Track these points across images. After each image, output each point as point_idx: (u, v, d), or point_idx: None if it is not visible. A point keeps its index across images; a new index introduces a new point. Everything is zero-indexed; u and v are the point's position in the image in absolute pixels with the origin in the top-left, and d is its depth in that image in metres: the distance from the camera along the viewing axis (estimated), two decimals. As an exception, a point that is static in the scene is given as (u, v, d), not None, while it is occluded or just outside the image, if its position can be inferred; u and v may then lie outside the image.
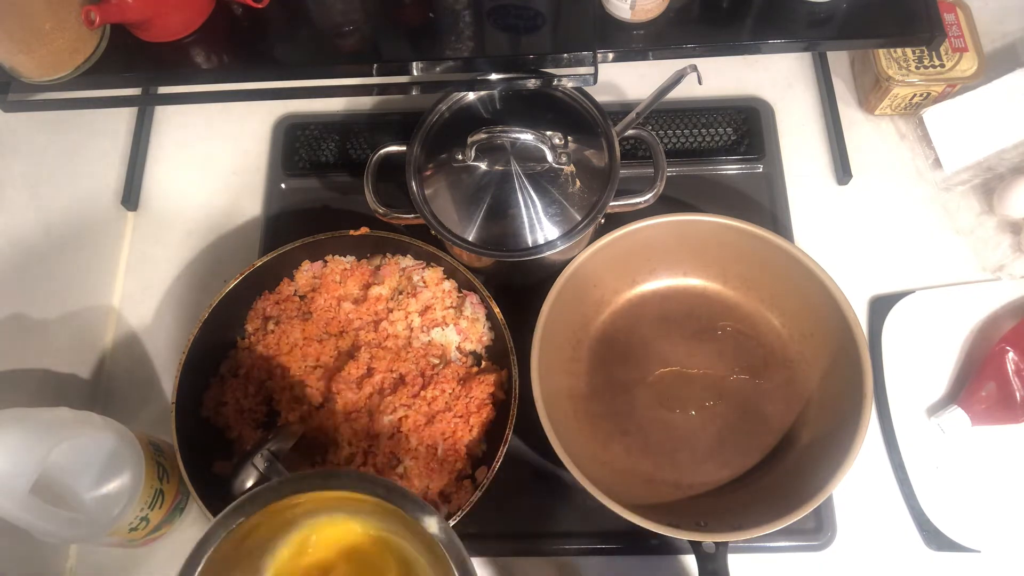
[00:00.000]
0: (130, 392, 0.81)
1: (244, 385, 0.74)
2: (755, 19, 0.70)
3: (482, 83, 0.69)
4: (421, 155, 0.72)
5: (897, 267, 0.81)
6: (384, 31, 0.71)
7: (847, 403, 0.67)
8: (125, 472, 0.62)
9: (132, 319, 0.83)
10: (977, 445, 0.72)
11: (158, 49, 0.68)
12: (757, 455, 0.72)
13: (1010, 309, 0.77)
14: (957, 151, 0.80)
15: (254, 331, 0.76)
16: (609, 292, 0.78)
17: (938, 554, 0.71)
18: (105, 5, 0.61)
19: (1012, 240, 0.79)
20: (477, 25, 0.69)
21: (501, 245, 0.70)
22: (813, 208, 0.84)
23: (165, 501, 0.67)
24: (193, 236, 0.87)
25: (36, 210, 0.75)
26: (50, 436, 0.57)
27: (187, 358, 0.70)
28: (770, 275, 0.74)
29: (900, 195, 0.84)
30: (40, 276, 0.75)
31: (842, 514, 0.72)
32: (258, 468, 0.65)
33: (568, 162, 0.70)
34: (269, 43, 0.70)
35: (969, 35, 0.81)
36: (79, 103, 0.71)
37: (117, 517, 0.61)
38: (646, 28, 0.70)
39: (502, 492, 0.68)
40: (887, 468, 0.74)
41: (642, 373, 0.76)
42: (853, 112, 0.88)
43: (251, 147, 0.90)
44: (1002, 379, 0.71)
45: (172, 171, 0.90)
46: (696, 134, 0.86)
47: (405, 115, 0.88)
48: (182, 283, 0.85)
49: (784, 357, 0.75)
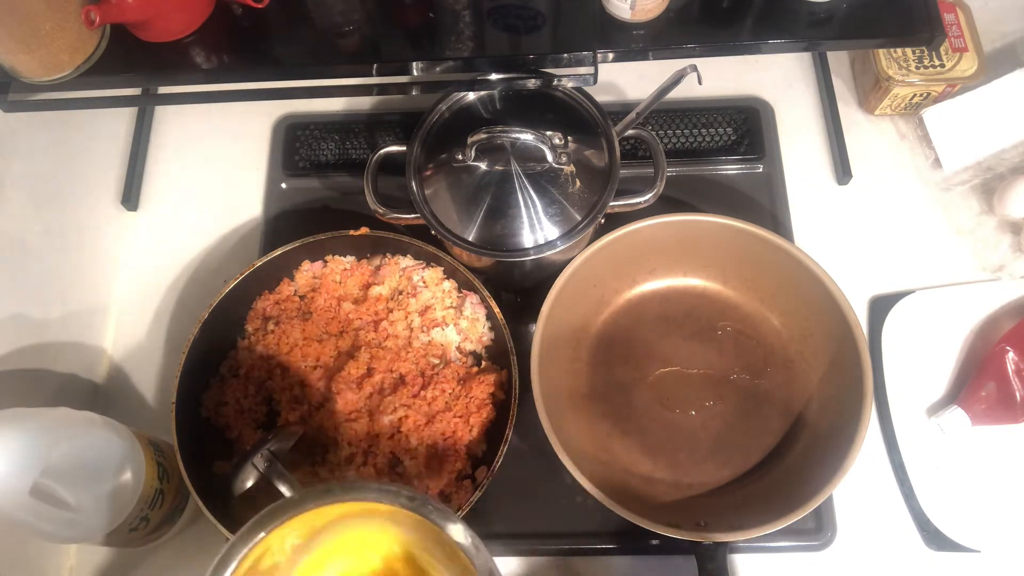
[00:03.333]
0: (130, 392, 0.81)
1: (244, 385, 0.74)
2: (755, 19, 0.70)
3: (482, 83, 0.69)
4: (421, 155, 0.72)
5: (897, 267, 0.81)
6: (384, 31, 0.71)
7: (847, 403, 0.67)
8: (125, 472, 0.62)
9: (132, 319, 0.83)
10: (977, 445, 0.72)
11: (158, 49, 0.68)
12: (757, 455, 0.72)
13: (1010, 309, 0.77)
14: (957, 151, 0.80)
15: (254, 331, 0.76)
16: (609, 292, 0.78)
17: (938, 554, 0.71)
18: (105, 5, 0.61)
19: (1012, 240, 0.79)
20: (477, 25, 0.69)
21: (501, 245, 0.70)
22: (813, 208, 0.84)
23: (165, 501, 0.66)
24: (193, 236, 0.87)
25: (36, 210, 0.75)
26: (50, 436, 0.57)
27: (187, 358, 0.70)
28: (770, 275, 0.74)
29: (900, 195, 0.84)
30: (40, 276, 0.75)
31: (842, 514, 0.72)
32: (258, 468, 0.65)
33: (568, 162, 0.70)
34: (269, 43, 0.70)
35: (969, 35, 0.81)
36: (79, 103, 0.71)
37: (117, 517, 0.61)
38: (646, 28, 0.70)
39: (502, 492, 0.68)
40: (887, 468, 0.74)
41: (642, 373, 0.76)
42: (853, 112, 0.88)
43: (251, 147, 0.90)
44: (1002, 379, 0.71)
45: (172, 171, 0.90)
46: (696, 134, 0.86)
47: (405, 115, 0.88)
48: (182, 283, 0.85)
49: (784, 357, 0.75)
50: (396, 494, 0.51)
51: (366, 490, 0.51)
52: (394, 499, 0.51)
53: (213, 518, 0.65)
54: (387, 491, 0.51)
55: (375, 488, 0.51)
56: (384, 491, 0.51)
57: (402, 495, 0.51)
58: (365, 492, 0.51)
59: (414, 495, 0.51)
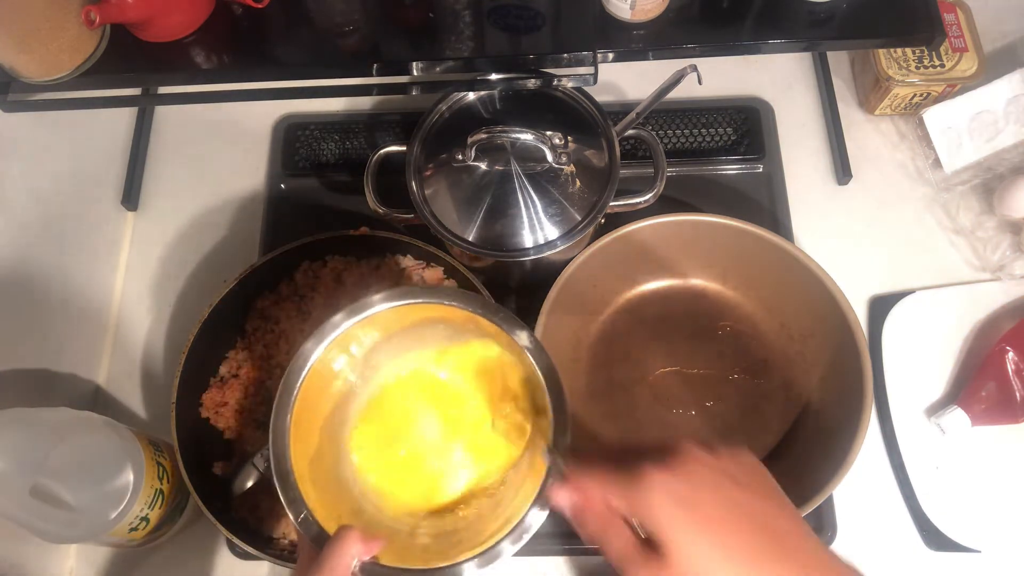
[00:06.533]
0: (130, 392, 0.81)
1: (244, 385, 0.74)
2: (755, 19, 0.70)
3: (482, 83, 0.69)
4: (421, 155, 0.72)
5: (897, 267, 0.81)
6: (384, 31, 0.71)
7: (847, 403, 0.67)
8: (125, 472, 0.62)
9: (132, 319, 0.83)
10: (977, 445, 0.72)
11: (158, 49, 0.68)
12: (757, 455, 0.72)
13: (1010, 309, 0.77)
14: (957, 151, 0.80)
15: (254, 331, 0.76)
16: (609, 292, 0.78)
17: (938, 554, 0.71)
18: (105, 5, 0.61)
19: (1012, 240, 0.79)
20: (477, 25, 0.69)
21: (501, 245, 0.70)
22: (813, 208, 0.84)
23: (165, 501, 0.67)
24: (193, 236, 0.87)
25: (36, 210, 0.75)
26: (50, 436, 0.57)
27: (187, 358, 0.70)
28: (770, 275, 0.74)
29: (900, 195, 0.84)
30: (40, 276, 0.75)
31: (842, 514, 0.72)
32: (258, 468, 0.65)
33: (568, 162, 0.70)
34: (269, 43, 0.70)
35: (969, 35, 0.81)
36: (79, 103, 0.71)
37: (117, 517, 0.61)
38: (646, 28, 0.70)
39: (502, 492, 0.68)
40: (887, 468, 0.74)
41: (642, 373, 0.76)
42: (853, 112, 0.88)
43: (251, 147, 0.90)
44: (1002, 379, 0.71)
45: (172, 171, 0.90)
46: (696, 134, 0.86)
47: (405, 115, 0.88)
48: (182, 283, 0.85)
49: (784, 357, 0.75)
50: (472, 299, 0.55)
51: (444, 294, 0.56)
52: (469, 304, 0.54)
53: (213, 518, 0.65)
54: (464, 295, 0.55)
55: (452, 293, 0.56)
56: (461, 295, 0.55)
57: (477, 301, 0.55)
58: (443, 296, 0.55)
59: (487, 302, 0.55)
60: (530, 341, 0.54)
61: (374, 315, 0.55)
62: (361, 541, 0.47)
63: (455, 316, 0.56)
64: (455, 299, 0.55)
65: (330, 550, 0.47)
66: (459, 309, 0.55)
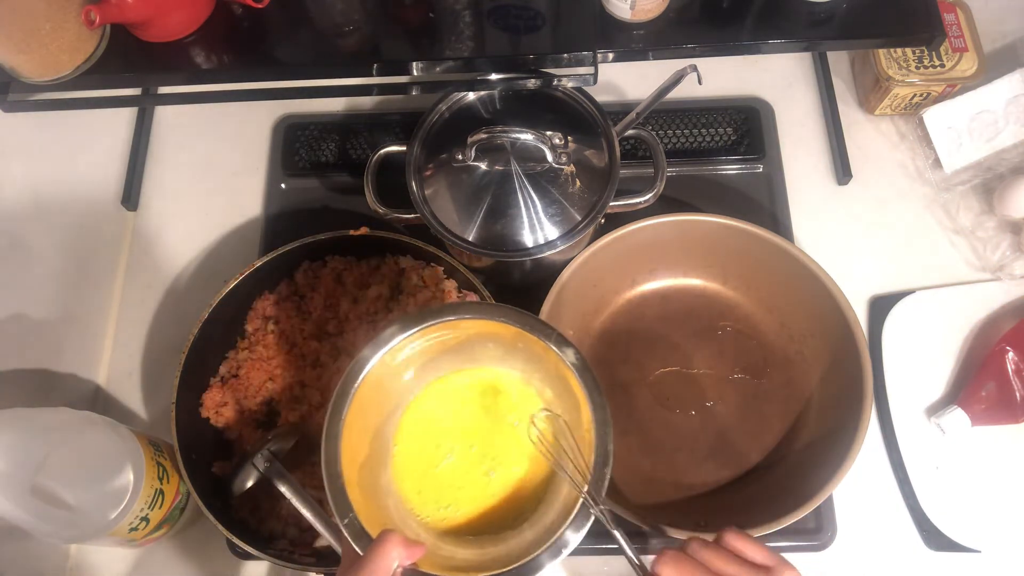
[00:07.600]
0: (130, 392, 0.81)
1: (244, 385, 0.74)
2: (755, 19, 0.70)
3: (482, 83, 0.69)
4: (421, 155, 0.72)
5: (897, 267, 0.81)
6: (384, 31, 0.71)
7: (847, 403, 0.67)
8: (125, 472, 0.62)
9: (132, 319, 0.83)
10: (977, 445, 0.72)
11: (158, 49, 0.68)
12: (757, 455, 0.72)
13: (1010, 309, 0.77)
14: (957, 151, 0.80)
15: (254, 331, 0.76)
16: (609, 292, 0.78)
17: (938, 554, 0.71)
18: (105, 5, 0.61)
19: (1012, 240, 0.79)
20: (477, 25, 0.69)
21: (501, 245, 0.70)
22: (813, 208, 0.84)
23: (165, 501, 0.66)
24: (193, 236, 0.87)
25: (36, 210, 0.75)
26: (50, 436, 0.57)
27: (187, 358, 0.70)
28: (770, 275, 0.74)
29: (900, 195, 0.84)
30: (40, 276, 0.75)
31: (842, 514, 0.72)
32: (258, 468, 0.65)
33: (568, 162, 0.70)
34: (269, 43, 0.70)
35: (969, 35, 0.81)
36: (79, 103, 0.71)
37: (117, 517, 0.61)
38: (646, 28, 0.70)
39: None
40: (887, 468, 0.74)
41: (642, 373, 0.76)
42: (853, 112, 0.88)
43: (251, 147, 0.90)
44: (1002, 379, 0.71)
45: (172, 171, 0.90)
46: (696, 134, 0.86)
47: (405, 115, 0.88)
48: (182, 283, 0.85)
49: (784, 357, 0.75)
50: (523, 315, 0.55)
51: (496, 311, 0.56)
52: (521, 321, 0.55)
53: (213, 518, 0.65)
54: (515, 312, 0.55)
55: (505, 309, 0.56)
56: (512, 312, 0.56)
57: (529, 317, 0.55)
58: (495, 312, 0.56)
59: (535, 321, 0.55)
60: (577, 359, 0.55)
61: (426, 328, 0.55)
62: (403, 545, 0.47)
63: (505, 333, 0.56)
64: (506, 316, 0.55)
65: (373, 552, 0.47)
66: (510, 326, 0.55)
